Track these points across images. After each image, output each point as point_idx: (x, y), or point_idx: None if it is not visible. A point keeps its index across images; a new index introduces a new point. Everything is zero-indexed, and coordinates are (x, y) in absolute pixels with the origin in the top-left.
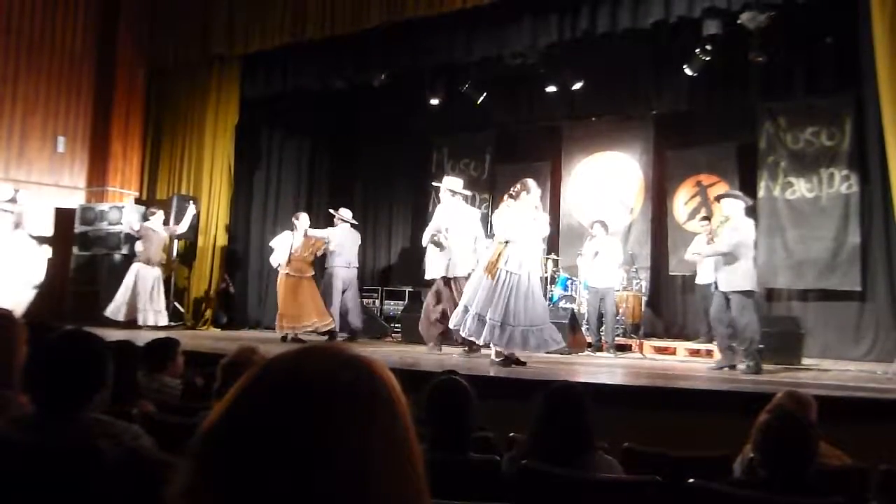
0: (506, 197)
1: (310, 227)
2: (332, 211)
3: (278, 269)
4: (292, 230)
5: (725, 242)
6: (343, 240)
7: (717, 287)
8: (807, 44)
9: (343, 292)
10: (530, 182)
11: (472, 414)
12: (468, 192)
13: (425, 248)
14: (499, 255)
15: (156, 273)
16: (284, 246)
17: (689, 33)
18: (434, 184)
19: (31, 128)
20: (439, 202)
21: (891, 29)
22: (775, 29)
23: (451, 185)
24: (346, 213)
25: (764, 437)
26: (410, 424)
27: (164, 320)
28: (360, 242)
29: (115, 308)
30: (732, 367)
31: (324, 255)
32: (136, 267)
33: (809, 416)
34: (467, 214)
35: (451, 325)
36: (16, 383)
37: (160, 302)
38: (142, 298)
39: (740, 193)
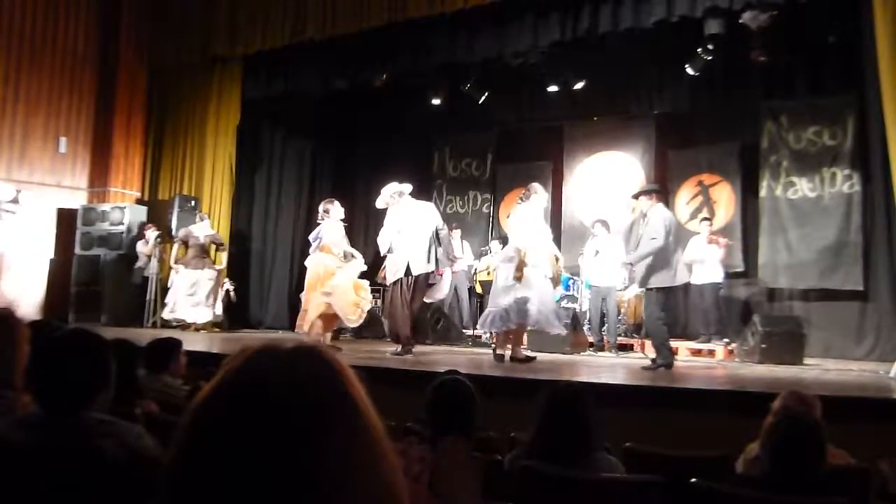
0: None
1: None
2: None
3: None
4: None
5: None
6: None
7: (641, 284)
8: (809, 43)
9: None
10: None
11: (475, 413)
12: (409, 186)
13: (384, 255)
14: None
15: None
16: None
17: (690, 33)
18: (377, 204)
19: (33, 128)
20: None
21: (893, 28)
22: (777, 28)
23: (391, 190)
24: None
25: (774, 438)
26: (373, 414)
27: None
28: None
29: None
30: (669, 365)
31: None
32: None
33: (814, 415)
34: (419, 211)
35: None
36: (19, 383)
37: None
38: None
39: (652, 186)
